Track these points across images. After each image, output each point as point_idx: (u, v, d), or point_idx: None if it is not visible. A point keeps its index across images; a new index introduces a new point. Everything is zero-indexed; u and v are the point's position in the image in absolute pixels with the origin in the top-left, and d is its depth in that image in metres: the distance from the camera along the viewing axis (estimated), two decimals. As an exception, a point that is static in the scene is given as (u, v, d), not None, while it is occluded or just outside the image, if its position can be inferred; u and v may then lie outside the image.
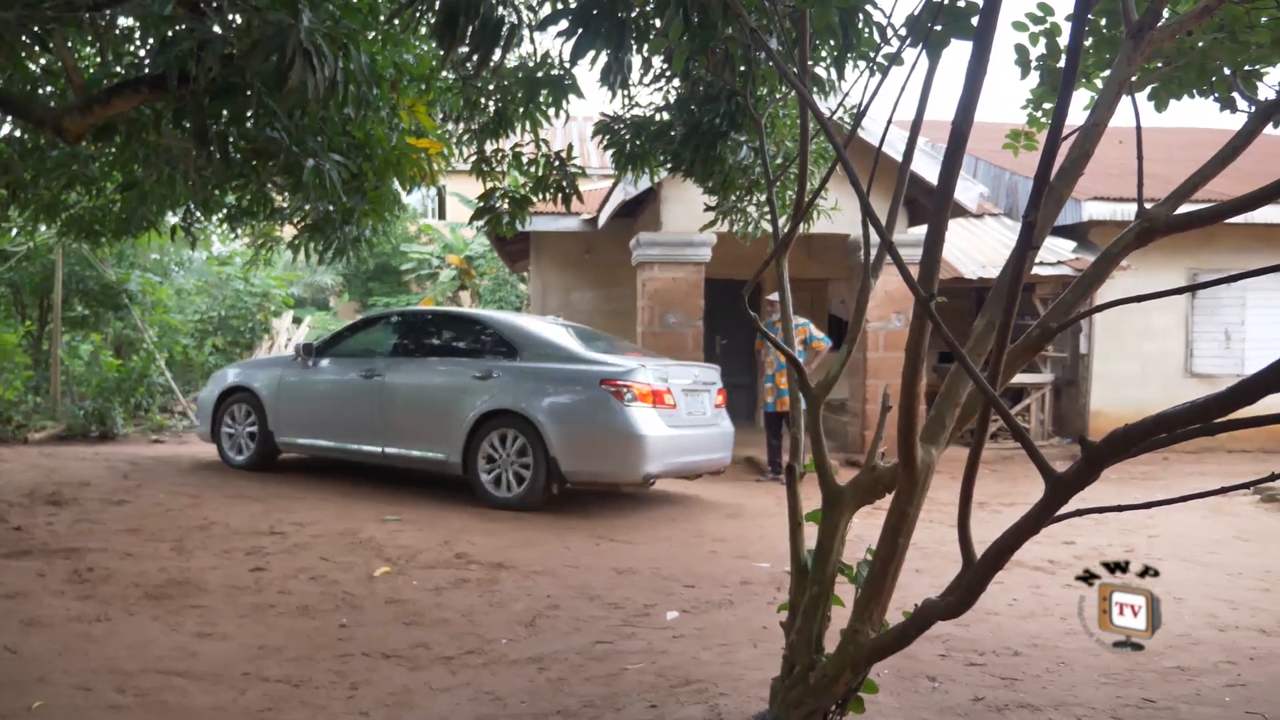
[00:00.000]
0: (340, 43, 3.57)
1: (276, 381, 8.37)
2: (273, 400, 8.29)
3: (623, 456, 6.76)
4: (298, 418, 8.23)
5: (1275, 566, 5.58)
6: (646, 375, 6.92)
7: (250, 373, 8.77)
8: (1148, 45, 2.63)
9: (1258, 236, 10.99)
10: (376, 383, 7.76)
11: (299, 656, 3.71)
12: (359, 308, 24.58)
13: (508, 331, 7.55)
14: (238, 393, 8.58)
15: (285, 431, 8.27)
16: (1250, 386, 1.46)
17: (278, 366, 8.60)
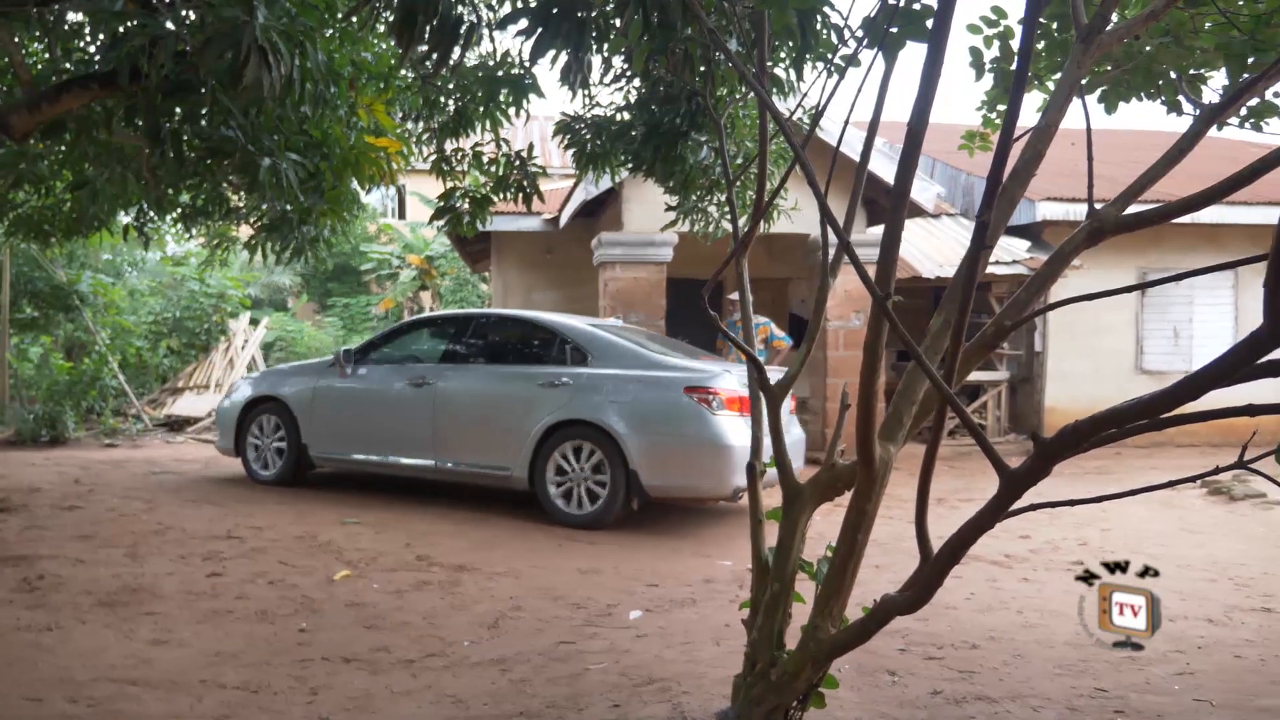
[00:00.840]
0: (296, 40, 3.53)
1: (310, 391, 7.77)
2: (306, 411, 7.70)
3: (712, 469, 6.22)
4: (336, 430, 7.63)
5: (1221, 558, 5.73)
6: (732, 380, 6.42)
7: (279, 381, 8.14)
8: (1097, 49, 2.68)
9: (1204, 236, 11.26)
10: (428, 391, 7.18)
11: (257, 662, 3.66)
12: (317, 309, 24.33)
13: (576, 335, 6.94)
14: (265, 403, 7.97)
15: (321, 445, 7.68)
16: (1194, 383, 1.50)
17: (310, 374, 7.98)
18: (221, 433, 8.29)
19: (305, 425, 7.70)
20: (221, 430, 8.29)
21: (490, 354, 7.35)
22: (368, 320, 23.44)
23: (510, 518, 6.78)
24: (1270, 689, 3.42)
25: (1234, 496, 7.70)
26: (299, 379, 7.98)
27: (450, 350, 7.49)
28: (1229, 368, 1.47)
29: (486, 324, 7.68)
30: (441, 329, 7.83)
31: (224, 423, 8.26)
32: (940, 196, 12.34)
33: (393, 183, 5.83)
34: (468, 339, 7.48)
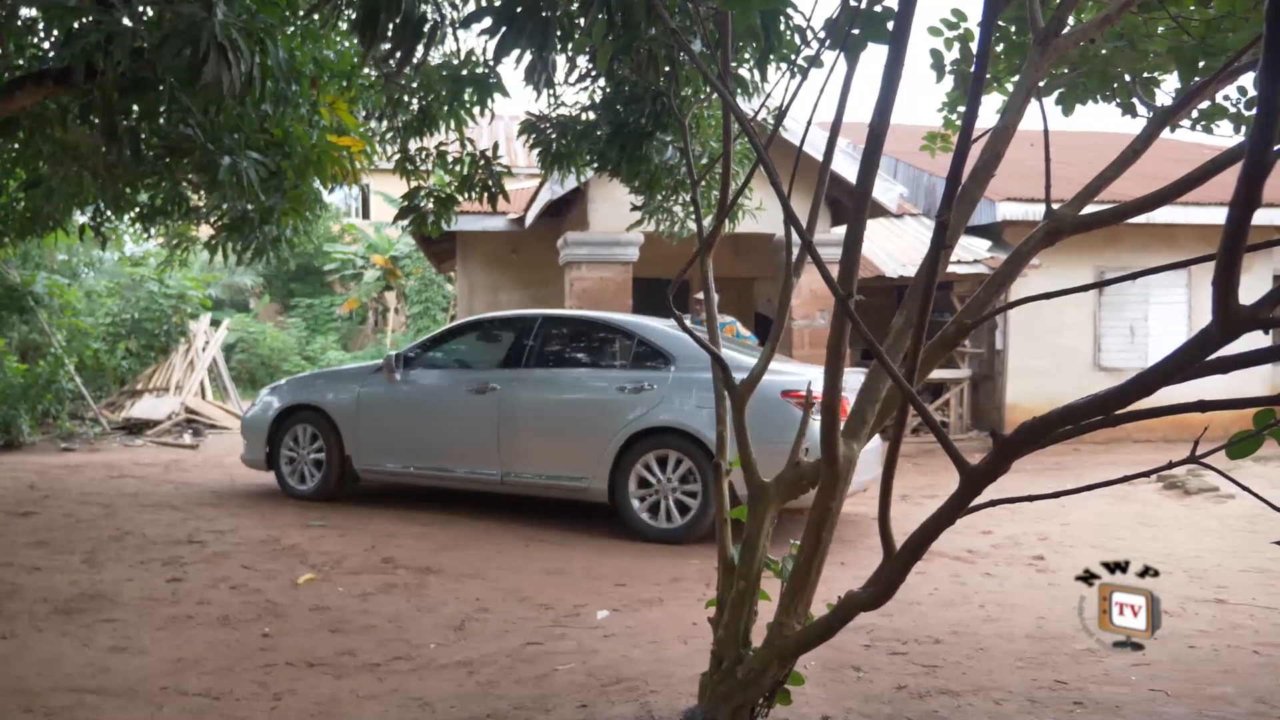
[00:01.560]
0: (257, 37, 3.49)
1: (354, 399, 7.21)
2: (350, 420, 7.15)
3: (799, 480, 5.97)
4: (385, 440, 7.10)
5: (1175, 551, 5.85)
6: None
7: (316, 389, 7.55)
8: (1054, 52, 2.73)
9: (1159, 236, 11.49)
10: (492, 398, 6.67)
11: (219, 668, 3.61)
12: (280, 309, 24.05)
13: (657, 338, 6.50)
14: (301, 411, 7.39)
15: (367, 457, 7.16)
16: (1146, 380, 1.53)
17: (354, 381, 7.40)
18: (249, 444, 7.70)
19: (349, 436, 7.17)
20: (249, 442, 7.70)
21: (559, 358, 6.85)
22: (331, 321, 23.22)
23: (476, 519, 6.74)
24: (1223, 678, 3.50)
25: (1188, 491, 7.86)
26: (340, 386, 7.43)
27: (514, 353, 6.95)
28: (1180, 364, 1.50)
29: (554, 325, 7.07)
30: (502, 331, 7.30)
31: (252, 434, 7.65)
32: (903, 197, 12.48)
33: (356, 182, 5.79)
34: (533, 341, 6.89)
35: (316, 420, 7.32)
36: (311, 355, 21.57)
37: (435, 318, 21.49)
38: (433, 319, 21.47)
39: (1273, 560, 5.36)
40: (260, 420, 7.58)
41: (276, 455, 7.46)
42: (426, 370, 7.16)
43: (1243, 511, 6.87)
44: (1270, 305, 1.39)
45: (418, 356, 7.25)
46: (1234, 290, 1.37)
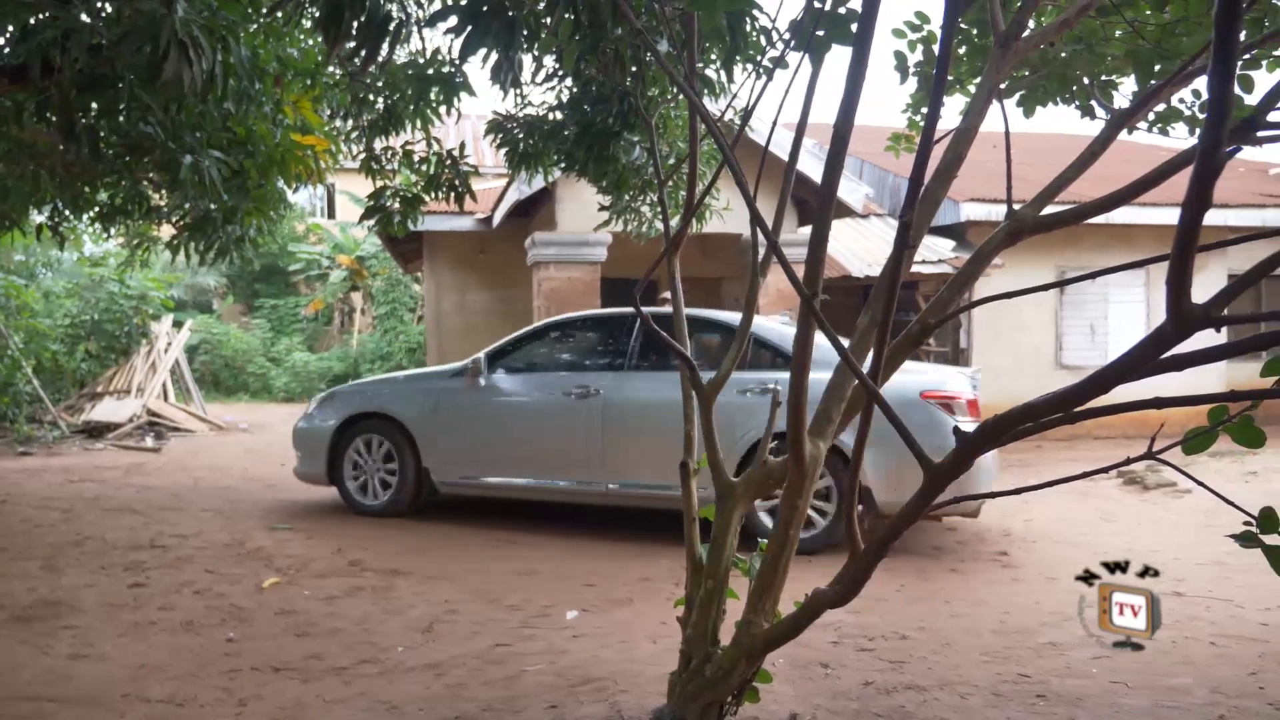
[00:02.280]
0: (218, 34, 3.44)
1: (432, 405, 6.72)
2: (427, 429, 6.66)
3: (964, 481, 5.44)
4: (469, 450, 6.63)
5: (1136, 545, 5.96)
6: (964, 383, 5.90)
7: (386, 395, 6.98)
8: (1014, 54, 2.77)
9: (1117, 236, 11.69)
10: (594, 402, 6.24)
11: (183, 674, 3.56)
12: (244, 310, 23.76)
13: (776, 337, 6.15)
14: (367, 420, 6.87)
15: (449, 468, 6.67)
16: (1103, 378, 1.56)
17: (430, 386, 6.89)
18: (304, 457, 7.12)
19: (427, 445, 6.67)
20: (304, 454, 7.13)
21: (667, 358, 6.36)
22: (297, 322, 22.97)
23: (444, 521, 6.71)
24: (1180, 669, 3.58)
25: (1147, 486, 8.01)
26: (415, 392, 6.91)
27: (615, 354, 6.52)
28: (1136, 362, 1.53)
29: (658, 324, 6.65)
30: (597, 330, 6.83)
31: (308, 445, 7.08)
32: (868, 197, 12.59)
33: (321, 181, 5.73)
34: (634, 341, 6.46)
35: (387, 430, 6.79)
36: (276, 356, 21.33)
37: (402, 318, 21.33)
38: (400, 320, 21.31)
39: (1228, 554, 5.48)
40: (319, 431, 7.00)
41: (339, 469, 6.90)
42: (513, 375, 6.69)
43: (1199, 506, 7.01)
44: (1222, 303, 1.42)
45: (501, 359, 6.76)
46: (1187, 289, 1.40)
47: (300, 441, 7.20)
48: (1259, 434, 1.82)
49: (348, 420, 6.93)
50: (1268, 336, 1.50)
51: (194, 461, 10.18)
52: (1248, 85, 3.14)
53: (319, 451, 6.96)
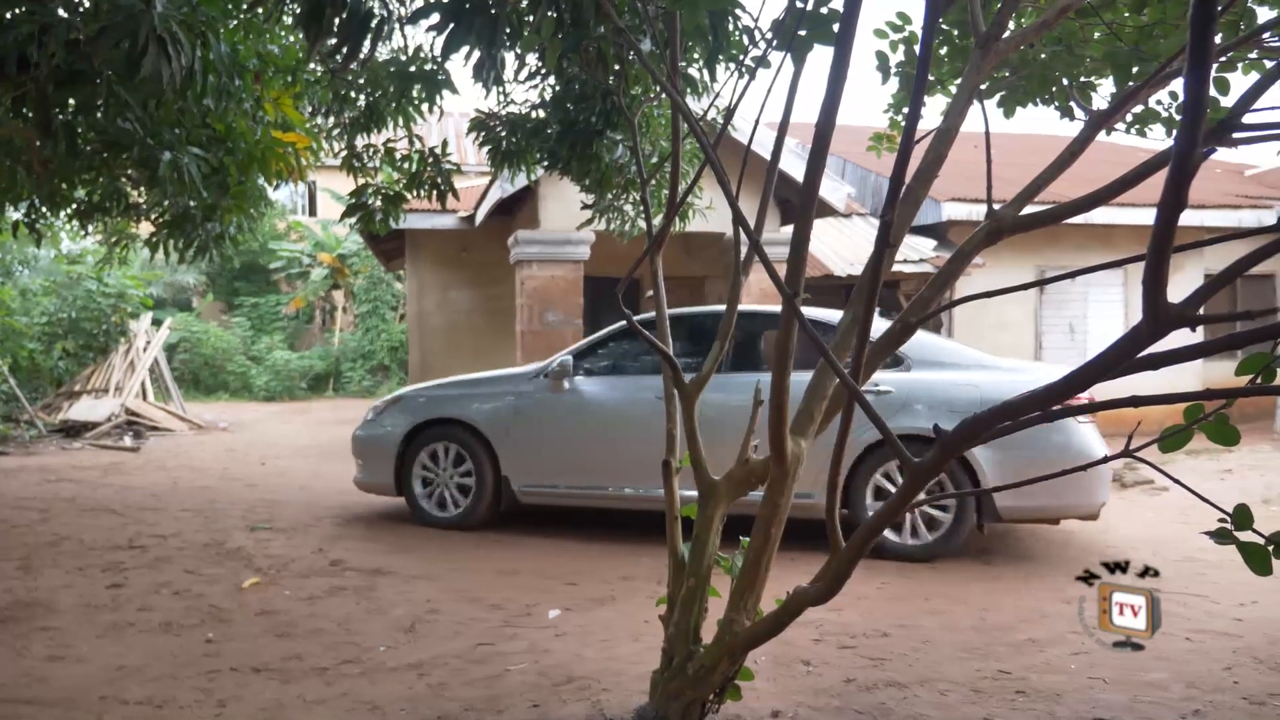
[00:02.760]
0: (198, 30, 3.42)
1: (511, 410, 6.38)
2: (505, 435, 6.32)
3: (1080, 484, 5.34)
4: (555, 457, 6.30)
5: (1114, 541, 6.02)
6: None
7: (458, 399, 6.59)
8: (995, 55, 2.79)
9: (1096, 236, 11.79)
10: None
11: (162, 676, 3.53)
12: (224, 308, 23.59)
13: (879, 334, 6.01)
14: (438, 427, 6.52)
15: (530, 476, 6.33)
16: (1080, 376, 1.57)
17: (507, 389, 6.51)
18: (368, 466, 6.75)
19: (506, 453, 6.34)
20: (367, 463, 6.76)
21: (761, 359, 6.19)
22: (277, 320, 22.82)
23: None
24: (1157, 664, 3.61)
25: (1125, 484, 8.09)
26: (490, 396, 6.53)
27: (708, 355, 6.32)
28: (1112, 361, 1.55)
29: (750, 323, 6.34)
30: (685, 330, 6.49)
31: (371, 453, 6.72)
32: (851, 196, 12.64)
33: (302, 179, 5.71)
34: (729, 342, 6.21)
35: (461, 437, 6.45)
36: (257, 355, 21.19)
37: (384, 317, 21.24)
38: (382, 318, 21.21)
39: (1204, 550, 5.54)
40: (385, 438, 6.60)
41: (407, 478, 6.55)
42: (598, 376, 6.39)
43: (1176, 503, 7.08)
44: (1197, 303, 1.44)
45: (584, 360, 6.47)
46: (1163, 288, 1.41)
47: (362, 450, 6.81)
48: (1233, 432, 1.84)
49: (415, 427, 6.57)
50: (1243, 335, 1.52)
51: (173, 461, 10.10)
52: (1223, 87, 3.18)
53: (385, 460, 6.58)
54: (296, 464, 10.03)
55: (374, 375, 20.77)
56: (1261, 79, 2.19)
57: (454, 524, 6.39)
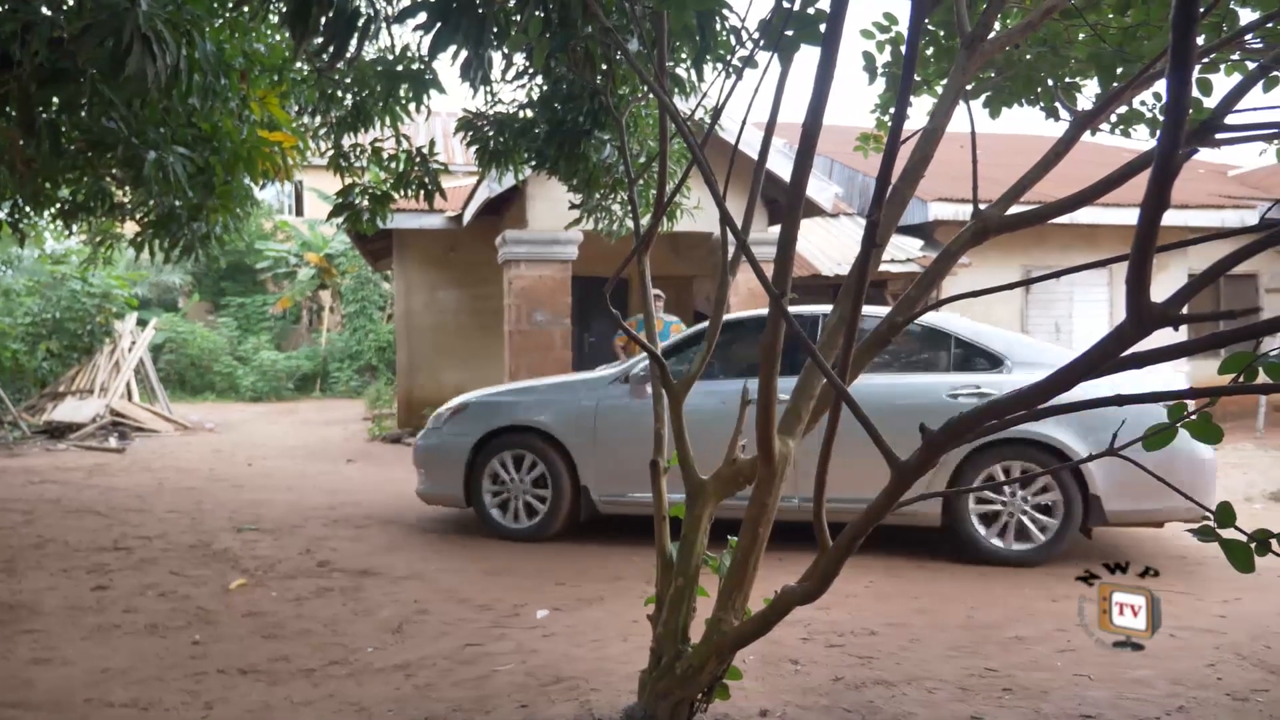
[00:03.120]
0: (183, 29, 3.40)
1: (590, 416, 6.11)
2: (585, 442, 6.04)
3: (1192, 486, 5.05)
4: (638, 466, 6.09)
5: (1099, 540, 6.05)
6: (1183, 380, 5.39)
7: (531, 405, 6.31)
8: (980, 56, 2.80)
9: (1082, 236, 11.86)
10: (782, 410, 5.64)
11: (147, 678, 3.51)
12: (210, 309, 23.47)
13: (981, 337, 5.82)
14: (509, 435, 6.24)
15: (611, 485, 6.04)
16: (1065, 375, 1.58)
17: (585, 395, 6.24)
18: (433, 476, 6.46)
19: (585, 461, 6.07)
20: (431, 473, 6.48)
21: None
22: (264, 320, 22.71)
23: (412, 521, 6.67)
24: (1142, 661, 3.63)
25: (1112, 482, 8.12)
26: (567, 402, 6.27)
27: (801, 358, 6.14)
28: (1096, 361, 1.56)
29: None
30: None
31: (437, 463, 6.43)
32: (838, 196, 12.67)
33: (288, 178, 5.68)
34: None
35: (535, 444, 6.18)
36: (243, 355, 21.09)
37: (372, 316, 21.16)
38: (369, 318, 21.14)
39: (1188, 548, 5.58)
40: (452, 448, 6.30)
41: (477, 488, 6.26)
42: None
43: (1162, 501, 7.12)
44: (1180, 302, 1.45)
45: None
46: (1146, 288, 1.42)
47: (425, 460, 6.53)
48: (1217, 430, 1.85)
49: (490, 433, 6.28)
50: (1226, 334, 1.53)
51: (159, 462, 10.04)
52: (1206, 88, 3.20)
53: (453, 470, 6.30)
54: (283, 464, 9.99)
55: (361, 376, 20.71)
56: (1243, 80, 2.21)
57: (528, 536, 6.10)
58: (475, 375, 12.91)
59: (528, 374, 9.89)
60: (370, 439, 12.35)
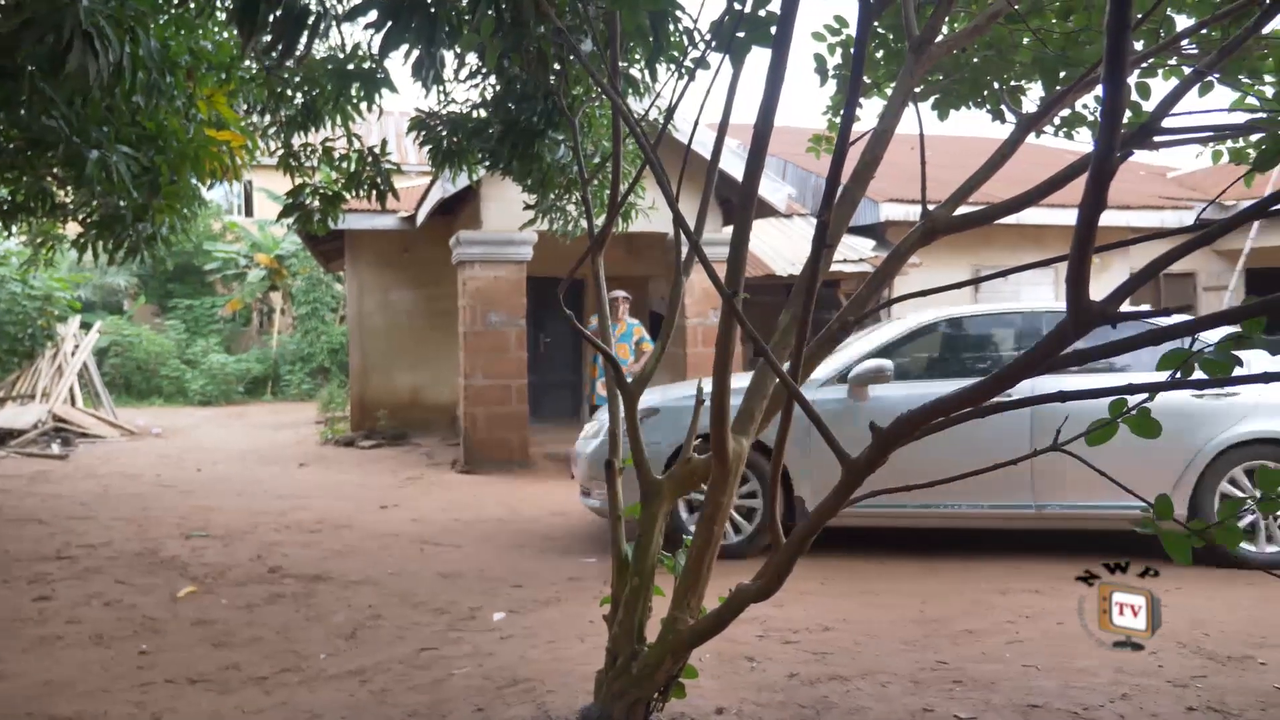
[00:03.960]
0: (126, 25, 3.33)
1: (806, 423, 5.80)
2: (800, 450, 5.39)
3: None
4: None
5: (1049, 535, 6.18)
6: None
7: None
8: (928, 59, 2.85)
9: (1028, 237, 12.09)
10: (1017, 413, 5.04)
11: (92, 690, 3.43)
12: (157, 311, 22.96)
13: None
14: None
15: None
16: (1008, 373, 1.62)
17: None
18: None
19: (801, 470, 5.59)
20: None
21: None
22: (213, 323, 22.27)
23: (366, 525, 6.59)
24: (1087, 651, 3.72)
25: (1059, 477, 8.29)
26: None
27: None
28: (1038, 358, 1.60)
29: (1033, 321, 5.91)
30: (997, 330, 6.02)
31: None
32: (792, 197, 12.76)
33: (237, 178, 5.58)
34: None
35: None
36: (192, 359, 20.65)
37: (324, 318, 20.85)
38: (321, 320, 20.82)
39: (1131, 540, 5.71)
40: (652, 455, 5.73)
41: None
42: (897, 382, 5.68)
43: (1107, 495, 7.29)
44: (1118, 300, 1.49)
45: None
46: (1085, 286, 1.46)
47: (597, 469, 5.75)
48: (1155, 425, 1.91)
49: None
50: (1162, 331, 1.58)
51: (104, 468, 9.80)
52: (1145, 92, 3.29)
53: None
54: (234, 469, 9.81)
55: (314, 378, 20.39)
56: (1179, 85, 2.27)
57: (736, 552, 5.52)
58: (429, 377, 12.81)
59: (483, 376, 9.83)
60: (323, 442, 12.18)
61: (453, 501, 7.67)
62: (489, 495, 8.07)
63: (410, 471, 9.61)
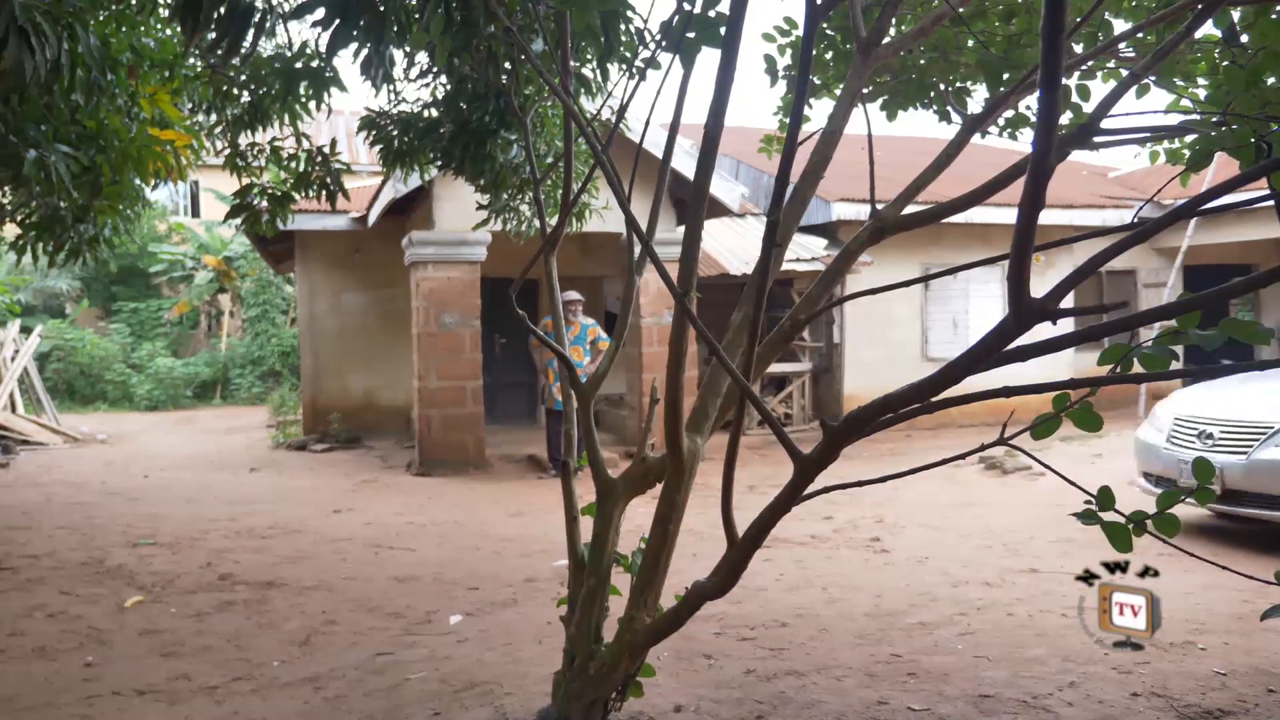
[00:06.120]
0: (64, 21, 3.25)
1: None
2: None
3: None
4: None
5: (994, 526, 6.31)
6: None
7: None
8: (875, 60, 2.89)
9: (976, 235, 12.32)
10: None
11: (36, 704, 3.34)
12: (101, 314, 22.41)
13: None
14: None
15: None
16: (954, 369, 1.65)
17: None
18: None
19: None
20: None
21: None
22: (160, 326, 21.80)
23: (319, 529, 6.51)
24: (1037, 641, 3.81)
25: (1005, 470, 8.48)
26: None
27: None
28: (982, 355, 1.63)
29: None
30: None
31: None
32: (745, 197, 12.84)
33: (182, 178, 5.46)
34: None
35: None
36: (138, 363, 20.19)
37: (274, 320, 20.52)
38: (271, 322, 20.49)
39: (1077, 531, 5.85)
40: None
41: None
42: None
43: (1052, 488, 7.45)
44: (1058, 297, 1.53)
45: None
46: (1026, 283, 1.50)
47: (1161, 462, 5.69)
48: (1097, 419, 1.95)
49: None
50: (1103, 326, 1.62)
51: (46, 476, 9.54)
52: (1085, 94, 3.37)
53: None
54: (182, 475, 9.61)
55: (264, 381, 20.05)
56: (1116, 87, 2.33)
57: None
58: (383, 379, 12.66)
59: (437, 377, 9.75)
60: (274, 446, 11.99)
61: (408, 505, 7.60)
62: (444, 498, 8.01)
63: (364, 475, 9.51)
